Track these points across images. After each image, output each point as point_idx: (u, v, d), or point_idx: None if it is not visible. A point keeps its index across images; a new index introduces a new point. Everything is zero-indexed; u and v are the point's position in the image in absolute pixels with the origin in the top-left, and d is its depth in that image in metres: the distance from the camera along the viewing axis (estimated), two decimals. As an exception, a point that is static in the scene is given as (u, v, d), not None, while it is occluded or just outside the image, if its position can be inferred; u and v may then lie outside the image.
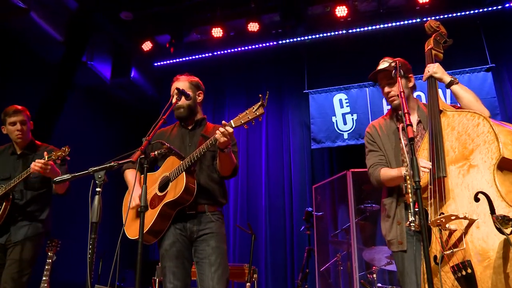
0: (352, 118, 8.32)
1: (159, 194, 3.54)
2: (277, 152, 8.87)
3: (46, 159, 4.07)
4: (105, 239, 5.19)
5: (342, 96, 8.52)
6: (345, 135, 8.27)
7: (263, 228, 8.29)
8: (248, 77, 9.51)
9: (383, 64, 3.47)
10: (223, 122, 3.27)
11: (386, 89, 3.43)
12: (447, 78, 3.21)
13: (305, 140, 8.74)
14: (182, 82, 3.87)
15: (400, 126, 2.79)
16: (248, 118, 3.19)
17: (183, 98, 3.70)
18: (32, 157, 4.43)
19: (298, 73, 9.05)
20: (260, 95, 3.17)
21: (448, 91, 7.62)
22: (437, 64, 3.25)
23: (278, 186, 8.64)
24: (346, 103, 8.45)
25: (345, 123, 8.34)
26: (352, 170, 6.92)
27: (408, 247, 3.17)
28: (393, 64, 3.25)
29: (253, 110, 3.18)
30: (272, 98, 8.89)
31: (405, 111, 2.78)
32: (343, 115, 8.41)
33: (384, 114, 3.61)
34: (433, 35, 3.41)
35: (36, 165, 4.04)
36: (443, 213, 2.78)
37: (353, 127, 8.26)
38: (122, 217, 3.79)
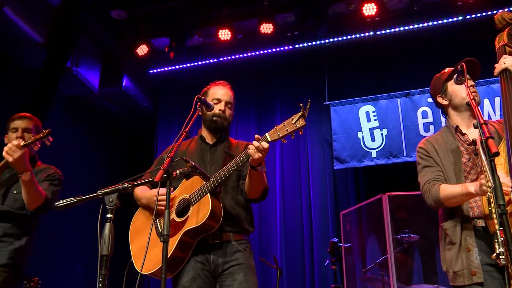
0: (381, 134, 8.25)
1: (178, 220, 3.47)
2: (294, 173, 8.77)
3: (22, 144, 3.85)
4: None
5: (369, 108, 8.46)
6: (374, 153, 8.19)
7: (277, 262, 8.13)
8: (260, 86, 9.46)
9: None
10: (256, 136, 3.22)
11: (470, 82, 3.39)
12: None
13: (327, 160, 8.65)
14: (228, 94, 3.94)
15: (478, 138, 2.72)
16: (287, 131, 3.16)
17: (228, 110, 3.84)
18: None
19: (318, 82, 9.01)
20: (301, 104, 3.14)
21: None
22: None
23: (296, 213, 8.52)
24: (374, 116, 8.38)
25: (373, 140, 8.26)
26: (389, 193, 6.82)
27: (487, 280, 3.05)
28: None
29: (293, 122, 3.14)
30: (287, 111, 8.82)
31: (482, 121, 2.70)
32: (371, 130, 8.34)
33: (420, 128, 3.55)
34: (506, 29, 3.36)
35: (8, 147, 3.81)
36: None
37: (383, 144, 8.18)
38: (130, 246, 3.71)
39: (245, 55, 8.73)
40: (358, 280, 7.56)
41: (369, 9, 7.61)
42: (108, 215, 2.91)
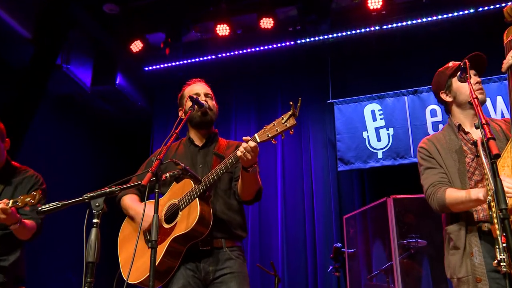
0: (388, 134, 8.23)
1: (166, 226, 3.49)
2: (296, 175, 8.78)
3: (10, 204, 3.64)
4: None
5: (374, 106, 8.45)
6: (379, 154, 8.18)
7: (279, 268, 8.12)
8: (260, 84, 9.49)
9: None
10: (244, 138, 3.27)
11: (475, 78, 3.40)
12: None
13: (330, 161, 8.65)
14: (205, 86, 3.98)
15: (479, 139, 2.72)
16: (277, 131, 3.18)
17: (210, 101, 3.86)
18: (2, 188, 4.07)
19: (321, 79, 9.01)
20: (291, 103, 3.15)
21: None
22: None
23: (298, 217, 8.52)
24: (380, 115, 8.38)
25: (379, 140, 8.26)
26: (394, 196, 6.82)
27: (492, 286, 3.04)
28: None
29: (283, 121, 3.17)
30: (288, 110, 8.77)
31: (483, 121, 2.71)
32: (376, 129, 8.34)
33: (429, 128, 3.55)
34: (515, 24, 3.36)
35: None
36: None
37: (389, 144, 8.17)
38: (118, 255, 3.73)
39: (244, 51, 8.70)
40: (363, 287, 7.55)
41: (375, 2, 7.58)
42: (95, 220, 2.88)
